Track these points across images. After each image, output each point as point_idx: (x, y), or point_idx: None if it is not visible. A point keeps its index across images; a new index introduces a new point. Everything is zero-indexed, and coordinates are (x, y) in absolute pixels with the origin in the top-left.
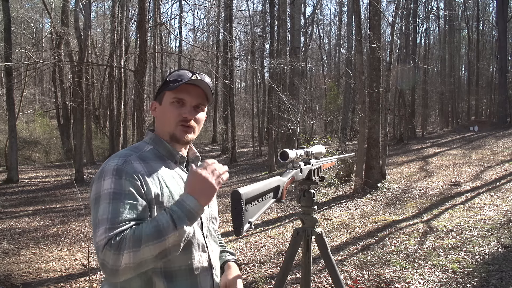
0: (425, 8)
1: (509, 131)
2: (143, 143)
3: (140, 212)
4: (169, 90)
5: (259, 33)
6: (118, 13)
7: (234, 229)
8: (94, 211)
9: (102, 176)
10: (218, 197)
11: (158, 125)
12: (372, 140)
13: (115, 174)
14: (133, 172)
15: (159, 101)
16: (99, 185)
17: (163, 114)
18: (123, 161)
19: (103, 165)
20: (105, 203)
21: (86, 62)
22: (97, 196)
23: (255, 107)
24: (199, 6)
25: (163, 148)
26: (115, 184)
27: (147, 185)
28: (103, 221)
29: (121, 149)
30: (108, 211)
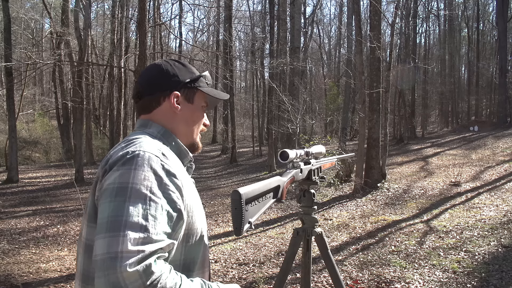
0: (425, 8)
1: (509, 131)
2: (151, 137)
3: (177, 226)
4: (204, 91)
5: (259, 33)
6: (118, 13)
7: (234, 229)
8: (116, 205)
9: (134, 163)
10: (218, 197)
11: (177, 124)
12: (372, 140)
13: (154, 168)
14: (175, 173)
15: (189, 98)
16: (127, 173)
17: (192, 115)
18: (160, 152)
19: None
20: (138, 203)
21: (86, 62)
22: (122, 187)
23: (255, 107)
24: (199, 6)
25: (175, 147)
26: (154, 182)
27: (182, 188)
28: (134, 225)
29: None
30: (143, 215)
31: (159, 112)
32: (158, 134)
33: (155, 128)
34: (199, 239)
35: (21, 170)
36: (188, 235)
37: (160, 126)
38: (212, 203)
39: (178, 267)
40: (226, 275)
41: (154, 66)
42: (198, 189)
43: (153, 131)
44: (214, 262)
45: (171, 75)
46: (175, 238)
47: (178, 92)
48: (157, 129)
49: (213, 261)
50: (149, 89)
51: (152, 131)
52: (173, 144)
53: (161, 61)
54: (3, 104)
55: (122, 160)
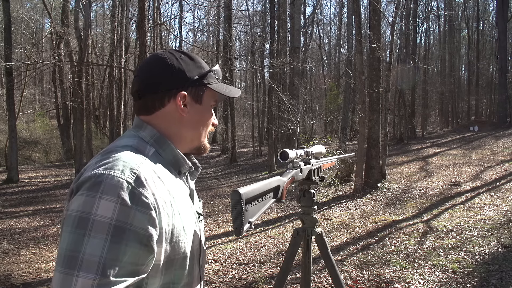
0: (425, 8)
1: (509, 131)
2: (142, 142)
3: (143, 259)
4: (214, 88)
5: (259, 33)
6: (118, 13)
7: (234, 229)
8: (74, 238)
9: (100, 189)
10: (218, 197)
11: (180, 126)
12: (372, 140)
13: (122, 197)
14: (148, 198)
15: (197, 99)
16: (91, 201)
17: (202, 117)
18: (134, 175)
19: (101, 169)
20: (98, 238)
21: (86, 62)
22: (84, 217)
23: (255, 107)
24: (199, 6)
25: (169, 154)
26: (120, 214)
27: (160, 216)
28: (91, 265)
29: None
30: (102, 253)
31: (162, 114)
32: (150, 140)
33: (148, 132)
34: (183, 263)
35: (21, 170)
36: (170, 262)
37: (155, 130)
38: (212, 203)
39: None
40: (226, 275)
41: (158, 59)
42: (198, 189)
43: (146, 135)
44: (214, 262)
45: (177, 71)
46: (144, 272)
47: (185, 92)
48: (151, 134)
49: (213, 261)
50: (152, 87)
51: (145, 135)
52: (168, 153)
53: (165, 53)
54: (3, 104)
55: (89, 182)
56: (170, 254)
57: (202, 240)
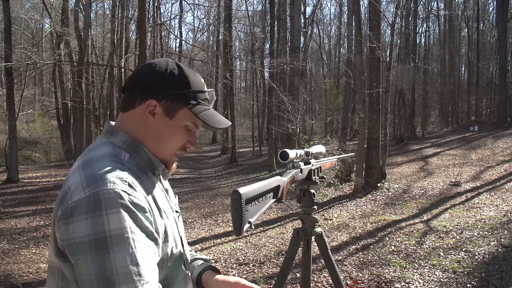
0: (425, 8)
1: (509, 131)
2: (116, 149)
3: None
4: (193, 111)
5: (259, 33)
6: (118, 13)
7: (234, 229)
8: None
9: (102, 205)
10: (218, 197)
11: (146, 134)
12: (372, 140)
13: (125, 206)
14: (142, 202)
15: (169, 112)
16: (100, 221)
17: (167, 132)
18: (126, 184)
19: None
20: (122, 250)
21: (86, 62)
22: (101, 237)
23: (255, 107)
24: (199, 6)
25: (144, 157)
26: (130, 221)
27: (154, 216)
28: (127, 275)
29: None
30: (132, 261)
31: (132, 115)
32: (124, 145)
33: (120, 138)
34: (176, 258)
35: (21, 170)
36: (166, 258)
37: (127, 135)
38: (212, 203)
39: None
40: (226, 275)
41: (150, 64)
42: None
43: (118, 141)
44: (214, 262)
45: (159, 79)
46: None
47: (155, 101)
48: (123, 139)
49: (213, 261)
50: (132, 86)
51: (117, 141)
52: (143, 156)
53: (162, 61)
54: (3, 104)
55: (88, 205)
56: (165, 251)
57: (183, 236)
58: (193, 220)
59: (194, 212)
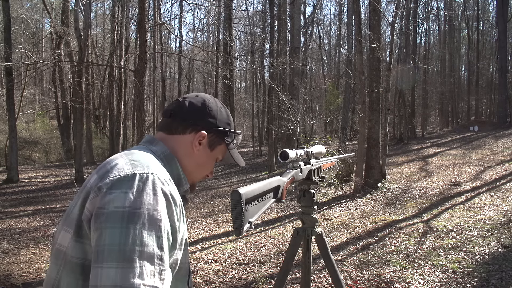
0: (425, 8)
1: (509, 131)
2: (154, 157)
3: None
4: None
5: (259, 33)
6: (118, 13)
7: (234, 229)
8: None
9: (146, 186)
10: (218, 197)
11: (187, 158)
12: (372, 140)
13: (165, 194)
14: (177, 197)
15: (211, 145)
16: (140, 197)
17: (206, 162)
18: (168, 178)
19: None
20: (153, 230)
21: (86, 62)
22: (135, 212)
23: (255, 107)
24: (199, 6)
25: (174, 171)
26: (165, 209)
27: (180, 217)
28: (150, 256)
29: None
30: (159, 245)
31: (179, 139)
32: (161, 155)
33: (160, 148)
34: (184, 274)
35: (21, 170)
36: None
37: (166, 147)
38: (212, 203)
39: None
40: (226, 275)
41: (203, 98)
42: (198, 189)
43: (157, 150)
44: (214, 262)
45: (211, 115)
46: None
47: (205, 133)
48: (162, 149)
49: (213, 261)
50: (184, 115)
51: (156, 150)
52: (174, 170)
53: (210, 98)
54: (3, 104)
55: (131, 181)
56: (176, 259)
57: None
58: (193, 220)
59: (194, 212)
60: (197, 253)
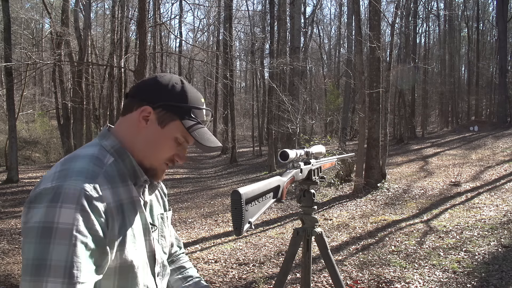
0: (425, 8)
1: (509, 131)
2: (103, 151)
3: (101, 261)
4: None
5: (259, 33)
6: (118, 13)
7: (234, 229)
8: (40, 247)
9: (59, 199)
10: (218, 197)
11: (136, 140)
12: (372, 140)
13: (81, 205)
14: (102, 206)
15: (161, 122)
16: (52, 211)
17: (157, 140)
18: (92, 186)
19: (58, 181)
20: (62, 245)
21: (86, 62)
22: (48, 226)
23: (255, 107)
24: (199, 6)
25: (127, 165)
26: (81, 221)
27: (112, 223)
28: (57, 269)
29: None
30: (67, 258)
31: (128, 119)
32: (111, 150)
33: (110, 142)
34: (135, 270)
35: (21, 170)
36: (123, 268)
37: (117, 141)
38: (212, 203)
39: None
40: (226, 275)
41: (156, 75)
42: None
43: (107, 145)
44: (214, 262)
45: (158, 90)
46: (101, 272)
47: (150, 108)
48: (112, 144)
49: (213, 261)
50: (133, 93)
51: (106, 145)
52: (128, 163)
53: (168, 75)
54: (3, 104)
55: (49, 194)
56: (122, 261)
57: (157, 250)
58: (193, 220)
59: (194, 212)
60: (197, 253)
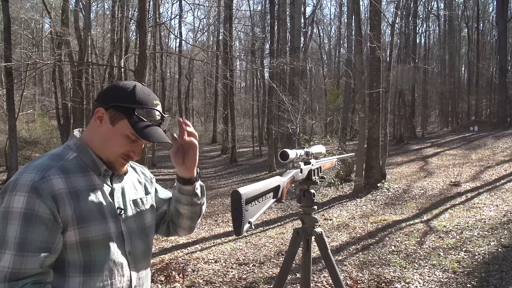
0: (425, 8)
1: (509, 131)
2: (67, 149)
3: (51, 237)
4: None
5: (259, 33)
6: (118, 13)
7: (234, 229)
8: (1, 227)
9: (15, 189)
10: (218, 197)
11: (94, 137)
12: (372, 140)
13: (29, 191)
14: (50, 192)
15: (112, 120)
16: (10, 198)
17: (109, 137)
18: (40, 176)
19: (18, 175)
20: (14, 224)
21: (86, 62)
22: (5, 211)
23: (255, 107)
24: (199, 6)
25: (87, 158)
26: (27, 204)
27: (64, 205)
28: (10, 244)
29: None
30: (17, 234)
31: (91, 122)
32: (74, 147)
33: (73, 141)
34: (99, 246)
35: None
36: (84, 243)
37: (78, 139)
38: (212, 203)
39: (78, 267)
40: (226, 275)
41: (118, 82)
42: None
43: (71, 144)
44: (214, 262)
45: (112, 93)
46: (56, 249)
47: (103, 109)
48: (74, 142)
49: (213, 261)
50: (96, 97)
51: (70, 144)
52: (88, 157)
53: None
54: (3, 104)
55: (9, 187)
56: (82, 236)
57: (129, 230)
58: None
59: None
60: (197, 253)
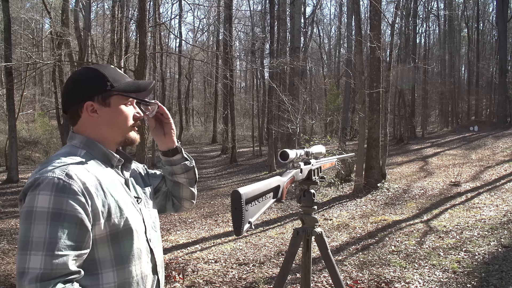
0: (425, 8)
1: (509, 131)
2: (74, 148)
3: (81, 235)
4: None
5: (259, 33)
6: (118, 13)
7: (234, 229)
8: (25, 227)
9: (38, 187)
10: (218, 197)
11: (99, 129)
12: (372, 140)
13: (55, 190)
14: (77, 188)
15: (105, 103)
16: (32, 198)
17: (113, 117)
18: (63, 173)
19: (37, 175)
20: (41, 224)
21: (86, 62)
22: (29, 210)
23: (255, 107)
24: (199, 6)
25: (98, 152)
26: (54, 203)
27: (92, 199)
28: (38, 244)
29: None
30: (46, 234)
31: (82, 122)
32: (81, 144)
33: (78, 139)
34: (128, 236)
35: (21, 170)
36: (114, 235)
37: (83, 136)
38: (212, 203)
39: (110, 262)
40: (226, 275)
41: (69, 78)
42: (198, 189)
43: (76, 142)
44: (214, 262)
45: (81, 86)
46: (85, 247)
47: (90, 101)
48: (80, 140)
49: (213, 261)
50: (68, 103)
51: (75, 143)
52: (98, 151)
53: (75, 73)
54: (3, 104)
55: (31, 186)
56: (112, 228)
57: (146, 218)
58: (193, 220)
59: (194, 212)
60: (197, 253)
